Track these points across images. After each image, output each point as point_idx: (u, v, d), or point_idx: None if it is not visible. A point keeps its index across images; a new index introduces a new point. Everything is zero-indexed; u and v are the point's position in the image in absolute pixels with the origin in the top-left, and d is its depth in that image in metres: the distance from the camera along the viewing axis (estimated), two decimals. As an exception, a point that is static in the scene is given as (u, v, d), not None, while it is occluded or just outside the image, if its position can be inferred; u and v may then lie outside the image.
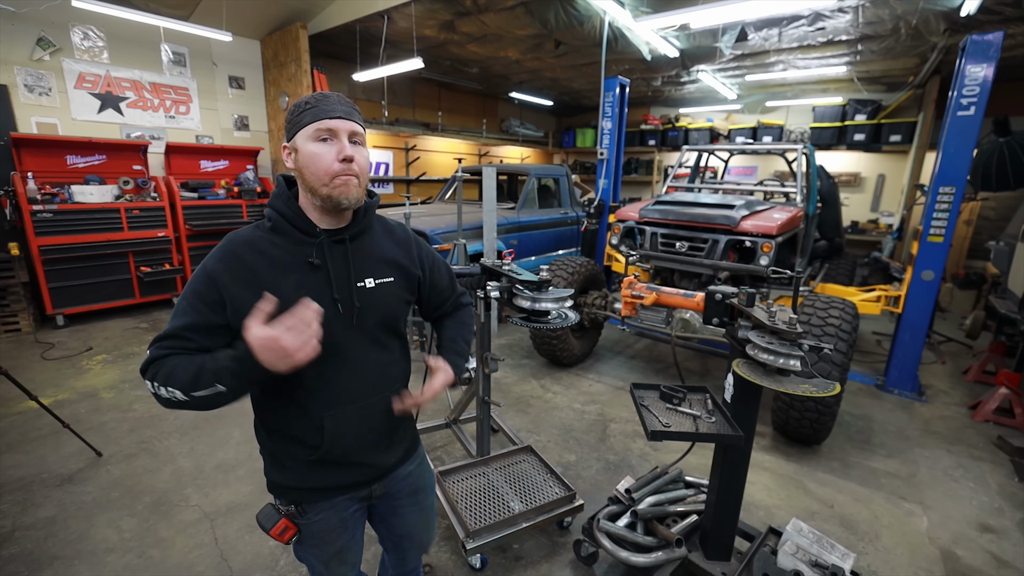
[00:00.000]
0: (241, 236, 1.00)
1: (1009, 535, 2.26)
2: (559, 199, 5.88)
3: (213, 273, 0.95)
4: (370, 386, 1.08)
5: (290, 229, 1.00)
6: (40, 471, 2.49)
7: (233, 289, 0.94)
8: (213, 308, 0.94)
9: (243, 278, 0.95)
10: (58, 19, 4.78)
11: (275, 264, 0.97)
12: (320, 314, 0.89)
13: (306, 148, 0.95)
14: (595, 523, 1.90)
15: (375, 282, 1.07)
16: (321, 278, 1.00)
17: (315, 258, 0.99)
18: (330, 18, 5.66)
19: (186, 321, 0.95)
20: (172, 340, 0.95)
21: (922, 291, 3.52)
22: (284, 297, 0.93)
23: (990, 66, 3.05)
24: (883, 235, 7.44)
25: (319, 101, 0.97)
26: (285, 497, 1.10)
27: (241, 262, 0.96)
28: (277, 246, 0.99)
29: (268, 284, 0.95)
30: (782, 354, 1.38)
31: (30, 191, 4.36)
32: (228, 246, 0.98)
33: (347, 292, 1.02)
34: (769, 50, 5.79)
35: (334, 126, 0.95)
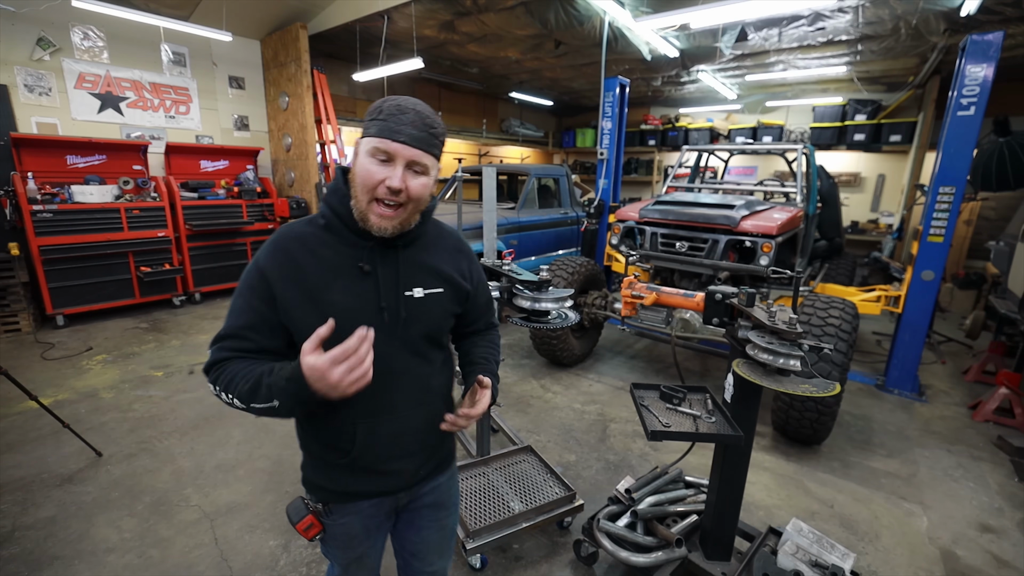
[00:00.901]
0: (294, 231, 0.98)
1: (1009, 535, 2.26)
2: (559, 199, 5.88)
3: (264, 268, 0.94)
4: (409, 398, 1.05)
5: (343, 230, 0.97)
6: (40, 471, 2.49)
7: (281, 285, 0.93)
8: (268, 304, 0.94)
9: (291, 276, 0.94)
10: (58, 19, 4.78)
11: (325, 266, 0.95)
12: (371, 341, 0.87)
13: (363, 159, 0.92)
14: (595, 523, 1.90)
15: (424, 292, 1.03)
16: (369, 285, 0.98)
17: (366, 264, 0.97)
18: (330, 18, 5.66)
19: (243, 320, 0.95)
20: (231, 340, 0.95)
21: (922, 291, 3.52)
22: (331, 301, 0.93)
23: (990, 66, 3.05)
24: (883, 235, 7.44)
25: (392, 116, 0.90)
26: (315, 495, 1.09)
27: (290, 259, 0.95)
28: (328, 246, 0.97)
29: (315, 286, 0.94)
30: (782, 354, 1.38)
31: (30, 191, 4.36)
32: (279, 241, 0.97)
33: (394, 301, 0.99)
34: (769, 50, 5.79)
35: (393, 151, 0.90)
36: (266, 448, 2.77)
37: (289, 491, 2.40)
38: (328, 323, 0.85)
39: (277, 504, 2.30)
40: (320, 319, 0.87)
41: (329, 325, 0.84)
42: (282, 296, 0.93)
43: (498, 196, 4.60)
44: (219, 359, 0.94)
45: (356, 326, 0.90)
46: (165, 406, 3.20)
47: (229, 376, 0.91)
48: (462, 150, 9.69)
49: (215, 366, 0.94)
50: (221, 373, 0.92)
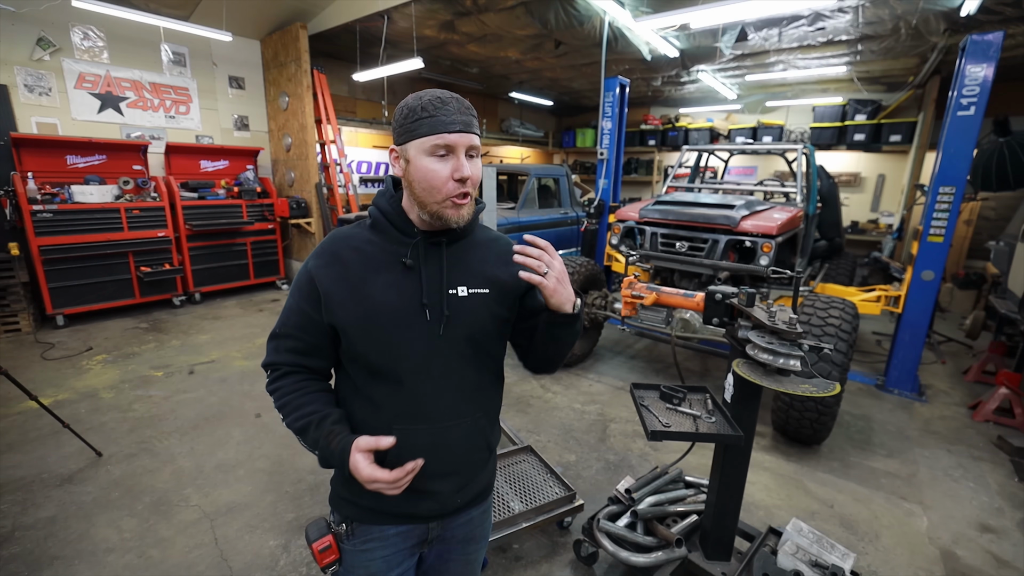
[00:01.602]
0: (342, 232, 1.00)
1: (1009, 535, 2.26)
2: (559, 199, 5.88)
3: (312, 269, 0.96)
4: (451, 408, 0.99)
5: (388, 228, 0.98)
6: (40, 471, 2.49)
7: (326, 284, 0.94)
8: (313, 305, 0.95)
9: (335, 274, 0.94)
10: (58, 19, 4.78)
11: (368, 261, 0.95)
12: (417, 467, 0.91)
13: (420, 162, 0.89)
14: (595, 523, 1.90)
15: (468, 291, 0.99)
16: (412, 280, 0.95)
17: (409, 258, 0.95)
18: (330, 18, 5.66)
19: (292, 320, 0.98)
20: (283, 340, 0.99)
21: (922, 291, 3.52)
22: (372, 295, 0.93)
23: (990, 66, 3.05)
24: (883, 235, 7.44)
25: (438, 110, 0.87)
26: (340, 511, 1.04)
27: (336, 258, 0.96)
28: (373, 244, 0.97)
29: (358, 280, 0.94)
30: (782, 354, 1.38)
31: (30, 191, 4.36)
32: (328, 243, 0.99)
33: (437, 298, 0.96)
34: (769, 50, 5.79)
35: (453, 141, 0.87)
36: (266, 448, 2.77)
37: (289, 491, 2.40)
38: (389, 439, 0.90)
39: (277, 504, 2.30)
40: (361, 315, 0.92)
41: (389, 441, 0.90)
42: (325, 294, 0.94)
43: (498, 196, 4.60)
44: (275, 362, 1.00)
45: (397, 322, 0.93)
46: (165, 406, 3.20)
47: (283, 399, 0.98)
48: (462, 150, 9.68)
49: (272, 370, 1.01)
50: (277, 388, 0.99)
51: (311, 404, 0.97)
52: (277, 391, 0.99)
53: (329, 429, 0.93)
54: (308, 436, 0.94)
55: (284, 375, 1.00)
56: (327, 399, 1.00)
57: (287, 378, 0.99)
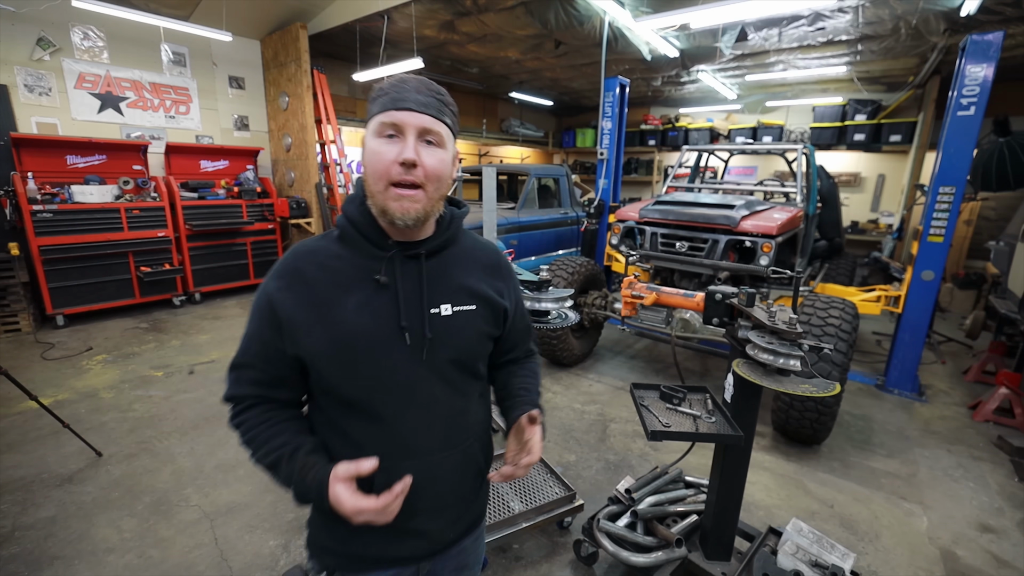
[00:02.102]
0: (305, 246, 0.88)
1: (1009, 535, 2.26)
2: (559, 199, 5.88)
3: (271, 292, 0.84)
4: (438, 437, 0.90)
5: (358, 239, 0.85)
6: (40, 471, 2.49)
7: (288, 309, 0.82)
8: (275, 332, 0.83)
9: (299, 296, 0.82)
10: (58, 19, 4.78)
11: (336, 280, 0.83)
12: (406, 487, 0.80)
13: (369, 144, 0.80)
14: (595, 523, 1.90)
15: (452, 309, 0.89)
16: (388, 300, 0.84)
17: (383, 275, 0.84)
18: (330, 18, 5.66)
19: (254, 349, 0.86)
20: (245, 371, 0.88)
21: (922, 291, 3.52)
22: (342, 320, 0.81)
23: (990, 66, 3.05)
24: (883, 235, 7.44)
25: (393, 87, 0.79)
26: (319, 560, 0.93)
27: (299, 277, 0.83)
28: (342, 259, 0.85)
29: (326, 303, 0.82)
30: (782, 354, 1.38)
31: (30, 191, 4.36)
32: (289, 260, 0.86)
33: (418, 319, 0.85)
34: (769, 50, 5.79)
35: (400, 120, 0.77)
36: (266, 448, 2.76)
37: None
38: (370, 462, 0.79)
39: (277, 504, 2.30)
40: (330, 343, 0.81)
41: (371, 464, 0.79)
42: (288, 320, 0.82)
43: (498, 196, 4.60)
44: (237, 395, 0.88)
45: (372, 349, 0.82)
46: (165, 406, 3.20)
47: (248, 433, 0.86)
48: (462, 150, 9.70)
49: (236, 404, 0.89)
50: (241, 422, 0.88)
51: (280, 436, 0.85)
52: (241, 425, 0.87)
53: (303, 461, 0.82)
54: (280, 472, 0.83)
55: (248, 408, 0.88)
56: (298, 428, 0.88)
57: (251, 411, 0.87)
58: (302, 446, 0.84)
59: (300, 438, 0.86)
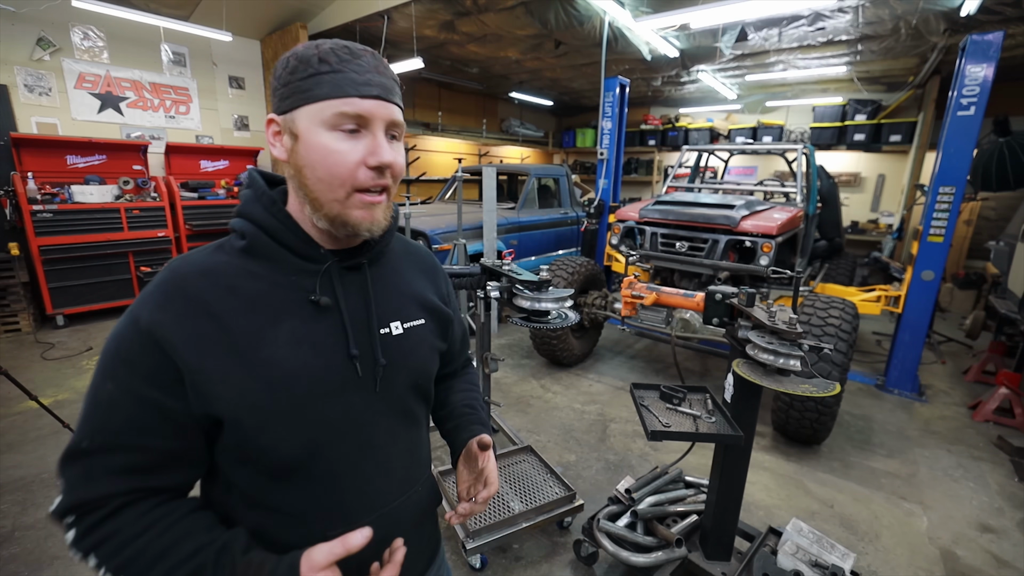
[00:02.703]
0: (194, 264, 0.63)
1: (1009, 535, 2.26)
2: (559, 199, 5.88)
3: (152, 329, 0.58)
4: (397, 482, 0.75)
5: (277, 250, 0.65)
6: (40, 471, 2.49)
7: (189, 353, 0.58)
8: (167, 389, 0.58)
9: (201, 333, 0.59)
10: (58, 19, 4.78)
11: (255, 308, 0.63)
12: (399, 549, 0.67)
13: (316, 139, 0.61)
14: (595, 523, 1.90)
15: (403, 327, 0.75)
16: (330, 325, 0.67)
17: (320, 294, 0.66)
18: (330, 18, 5.66)
19: (116, 419, 0.57)
20: (99, 457, 0.57)
21: (922, 291, 3.52)
22: (274, 360, 0.62)
23: (990, 66, 3.05)
24: (883, 235, 7.44)
25: (344, 63, 0.61)
26: None
27: (198, 307, 0.60)
28: (256, 277, 0.64)
29: (248, 342, 0.61)
30: (782, 354, 1.38)
31: (30, 191, 4.36)
32: (173, 282, 0.61)
33: (368, 344, 0.70)
34: (769, 50, 5.79)
35: (368, 111, 0.61)
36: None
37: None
38: (363, 533, 0.58)
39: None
40: (261, 392, 0.61)
41: (364, 535, 0.58)
42: (189, 366, 0.58)
43: (498, 196, 4.60)
44: (94, 498, 0.56)
45: (318, 391, 0.64)
46: (165, 406, 3.20)
47: (122, 554, 0.56)
48: (462, 150, 9.69)
49: (80, 515, 0.56)
50: (105, 538, 0.56)
51: (186, 538, 0.58)
52: (105, 544, 0.56)
53: (245, 561, 0.58)
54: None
55: (110, 515, 0.57)
56: (206, 519, 0.62)
57: (117, 517, 0.57)
58: (231, 543, 0.59)
59: (217, 533, 0.60)
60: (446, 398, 0.93)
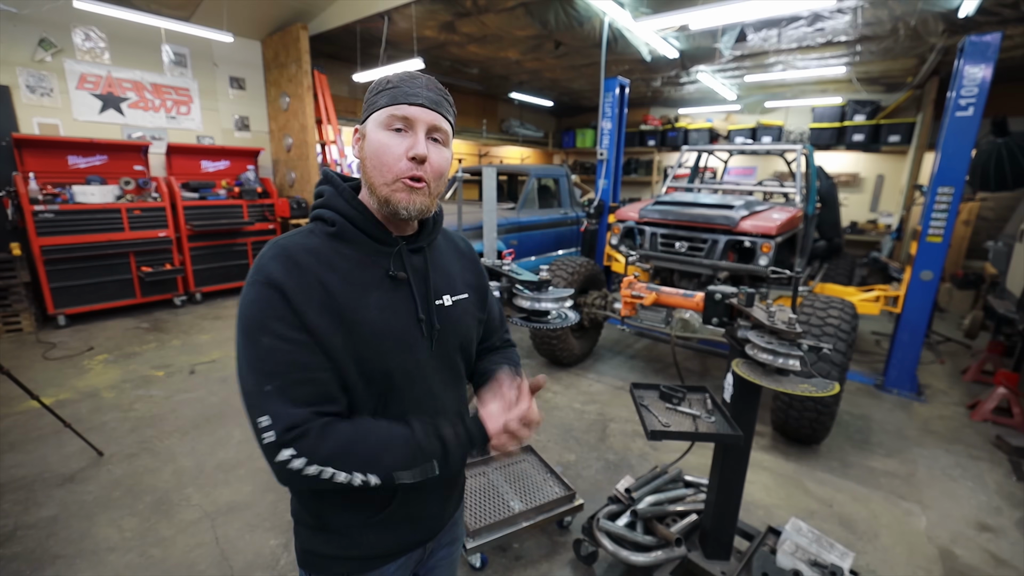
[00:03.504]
0: (299, 243, 0.78)
1: (1007, 534, 2.27)
2: (559, 199, 5.89)
3: (283, 286, 0.73)
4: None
5: (359, 235, 0.82)
6: (42, 470, 2.50)
7: (311, 310, 0.73)
8: (303, 331, 0.73)
9: (317, 299, 0.74)
10: (60, 20, 4.79)
11: (349, 280, 0.79)
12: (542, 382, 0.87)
13: (375, 136, 0.79)
14: (595, 522, 1.90)
15: (452, 299, 0.92)
16: (404, 295, 0.84)
17: (396, 271, 0.83)
18: (331, 19, 5.67)
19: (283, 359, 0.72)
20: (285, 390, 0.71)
21: (921, 291, 3.53)
22: (366, 321, 0.78)
23: (988, 67, 3.06)
24: (882, 235, 7.45)
25: (403, 82, 0.79)
26: (325, 571, 0.88)
27: (311, 276, 0.75)
28: (345, 258, 0.80)
29: (348, 307, 0.77)
30: (781, 354, 1.39)
31: (32, 191, 4.37)
32: (288, 256, 0.76)
33: (428, 312, 0.87)
34: (768, 51, 5.81)
35: (412, 115, 0.78)
36: (267, 448, 2.77)
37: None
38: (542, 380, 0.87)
39: (278, 503, 2.31)
40: (359, 348, 0.77)
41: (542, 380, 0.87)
42: (314, 324, 0.73)
43: (498, 196, 4.60)
44: (295, 423, 0.70)
45: (398, 346, 0.82)
46: (166, 406, 3.21)
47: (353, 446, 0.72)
48: (462, 150, 9.70)
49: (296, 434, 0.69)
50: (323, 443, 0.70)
51: (396, 426, 0.77)
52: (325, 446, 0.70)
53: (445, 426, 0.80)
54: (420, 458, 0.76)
55: (325, 427, 0.72)
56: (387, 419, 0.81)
57: (331, 427, 0.72)
58: (425, 421, 0.80)
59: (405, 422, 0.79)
60: (487, 368, 1.04)
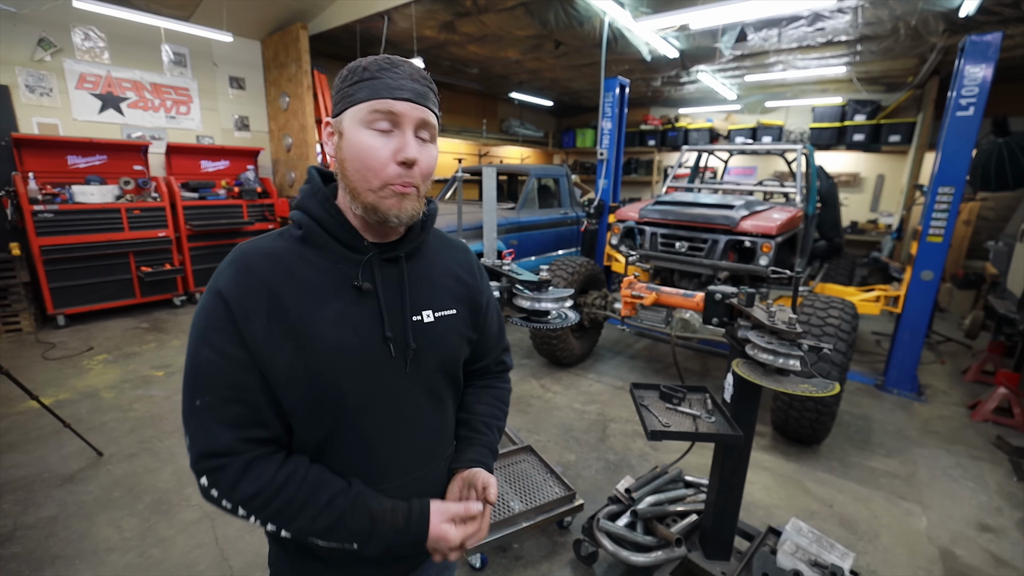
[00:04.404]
0: (259, 248, 0.73)
1: (1008, 534, 2.26)
2: (559, 199, 5.89)
3: (227, 297, 0.68)
4: (422, 454, 0.83)
5: (328, 241, 0.74)
6: (41, 471, 2.50)
7: (254, 322, 0.68)
8: (244, 348, 0.68)
9: (264, 309, 0.68)
10: (59, 20, 4.78)
11: (307, 288, 0.72)
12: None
13: (355, 136, 0.70)
14: (595, 523, 1.90)
15: (435, 315, 0.82)
16: (369, 309, 0.75)
17: (362, 281, 0.74)
18: (330, 19, 5.67)
19: (218, 375, 0.67)
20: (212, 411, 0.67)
21: (921, 291, 3.52)
22: (321, 336, 0.70)
23: (989, 67, 3.06)
24: (882, 235, 7.45)
25: (383, 71, 0.69)
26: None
27: (261, 283, 0.69)
28: (309, 263, 0.73)
29: (299, 316, 0.70)
30: (782, 354, 1.38)
31: (31, 191, 4.36)
32: (243, 261, 0.71)
33: (400, 329, 0.78)
34: (768, 50, 5.80)
35: (399, 110, 0.69)
36: (267, 448, 2.77)
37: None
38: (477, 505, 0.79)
39: (278, 504, 2.31)
40: (309, 365, 0.69)
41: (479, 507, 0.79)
42: (258, 338, 0.67)
43: (498, 196, 4.60)
44: (217, 450, 0.66)
45: (358, 366, 0.73)
46: (166, 406, 3.21)
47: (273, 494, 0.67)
48: (462, 150, 9.70)
49: (215, 462, 0.66)
50: (252, 480, 0.67)
51: (320, 489, 0.71)
52: (253, 485, 0.67)
53: (380, 508, 0.73)
54: (339, 531, 0.70)
55: (250, 464, 0.67)
56: (324, 470, 0.74)
57: (256, 466, 0.68)
58: (362, 492, 0.73)
59: (340, 483, 0.73)
60: (471, 404, 0.97)
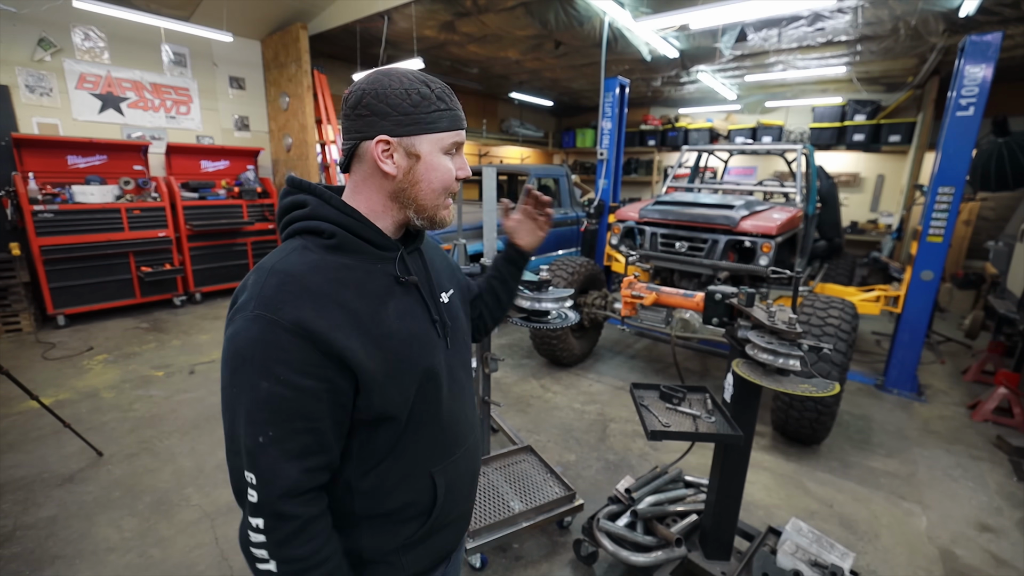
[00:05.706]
0: (296, 265, 0.72)
1: (1008, 534, 2.26)
2: (559, 199, 5.89)
3: (300, 324, 0.67)
4: (471, 422, 0.93)
5: (362, 245, 0.77)
6: (41, 471, 2.50)
7: (339, 337, 0.69)
8: (315, 373, 0.68)
9: (340, 320, 0.70)
10: (59, 20, 4.78)
11: (361, 291, 0.74)
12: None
13: (437, 160, 0.78)
14: (595, 523, 1.90)
15: (447, 297, 0.91)
16: (415, 298, 0.82)
17: (405, 275, 0.81)
18: (330, 19, 5.67)
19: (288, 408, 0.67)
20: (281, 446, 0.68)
21: (921, 291, 3.52)
22: (392, 331, 0.75)
23: (989, 67, 3.06)
24: (882, 235, 7.45)
25: (454, 102, 0.81)
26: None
27: (325, 299, 0.70)
28: (350, 269, 0.75)
29: (370, 320, 0.73)
30: (782, 354, 1.38)
31: (31, 191, 4.36)
32: (292, 282, 0.69)
33: (437, 311, 0.86)
34: (768, 50, 5.80)
35: (462, 139, 0.83)
36: (267, 448, 2.77)
37: (290, 491, 2.41)
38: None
39: (278, 504, 2.31)
40: (389, 363, 0.74)
41: None
42: (344, 348, 0.69)
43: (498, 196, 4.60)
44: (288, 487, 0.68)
45: (424, 351, 0.80)
46: (166, 406, 3.21)
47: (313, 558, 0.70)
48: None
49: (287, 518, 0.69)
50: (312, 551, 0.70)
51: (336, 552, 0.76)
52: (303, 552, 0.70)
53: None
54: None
55: (307, 525, 0.70)
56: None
57: (312, 527, 0.71)
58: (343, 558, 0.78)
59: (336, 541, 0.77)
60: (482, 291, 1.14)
